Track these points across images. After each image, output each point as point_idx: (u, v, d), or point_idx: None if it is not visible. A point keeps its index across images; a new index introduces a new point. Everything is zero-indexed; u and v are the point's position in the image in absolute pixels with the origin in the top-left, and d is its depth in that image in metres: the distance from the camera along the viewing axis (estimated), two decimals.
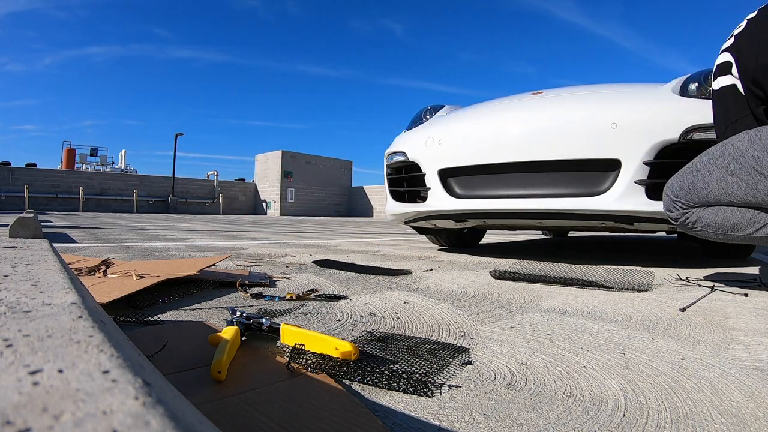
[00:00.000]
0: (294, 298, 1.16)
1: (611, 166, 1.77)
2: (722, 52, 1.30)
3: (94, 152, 29.45)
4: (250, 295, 1.19)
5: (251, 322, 0.77)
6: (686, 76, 1.87)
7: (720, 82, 1.28)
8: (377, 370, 0.64)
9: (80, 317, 0.34)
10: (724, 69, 1.27)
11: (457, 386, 0.61)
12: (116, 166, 29.80)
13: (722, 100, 1.28)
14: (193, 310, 1.02)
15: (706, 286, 1.48)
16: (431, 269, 1.87)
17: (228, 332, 0.68)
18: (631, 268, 2.03)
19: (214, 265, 1.59)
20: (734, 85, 1.24)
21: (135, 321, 0.89)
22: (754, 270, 2.03)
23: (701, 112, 1.67)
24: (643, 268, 2.01)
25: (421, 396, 0.57)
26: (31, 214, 2.36)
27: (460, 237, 3.12)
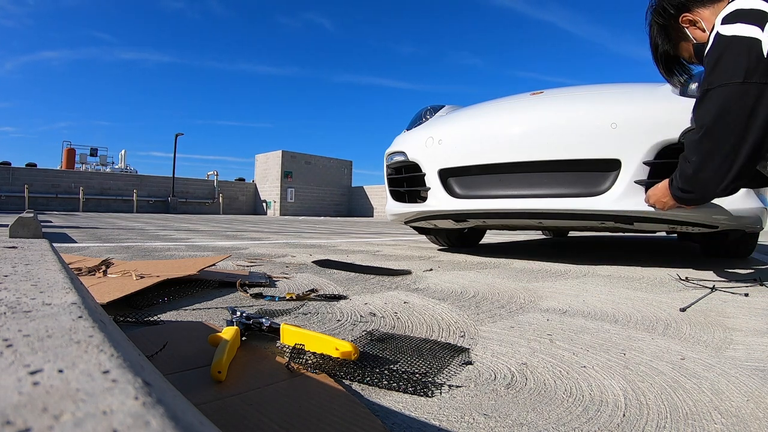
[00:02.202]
0: (294, 298, 1.16)
1: (611, 166, 1.77)
2: None
3: (94, 152, 29.47)
4: (250, 295, 1.19)
5: (251, 322, 0.77)
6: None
7: (739, 30, 1.05)
8: (377, 370, 0.64)
9: (80, 317, 0.34)
10: (755, 18, 1.04)
11: (457, 386, 0.61)
12: (116, 166, 29.82)
13: (736, 49, 1.06)
14: (193, 310, 1.02)
15: (706, 286, 1.48)
16: (431, 269, 1.87)
17: (228, 332, 0.68)
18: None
19: (214, 265, 1.59)
20: (759, 43, 1.02)
21: (135, 321, 0.89)
22: (754, 270, 2.03)
23: None
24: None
25: (421, 396, 0.57)
26: (31, 214, 2.36)
27: (460, 237, 3.12)
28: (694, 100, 1.75)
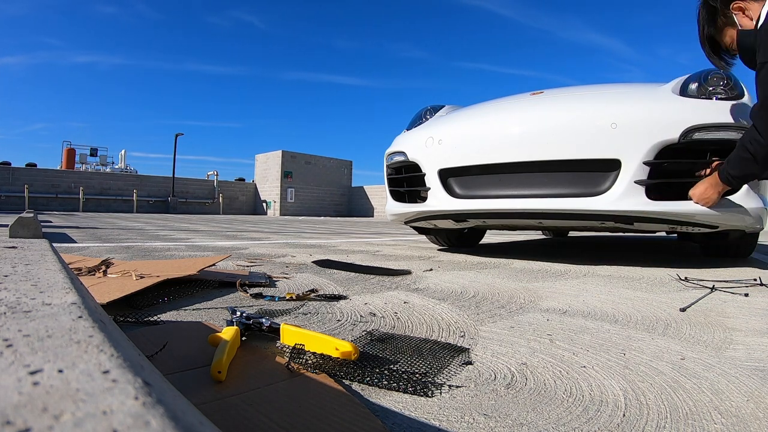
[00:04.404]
0: (294, 298, 1.16)
1: (611, 166, 1.77)
2: None
3: (94, 152, 29.47)
4: (250, 295, 1.19)
5: (251, 322, 0.77)
6: (686, 76, 1.87)
7: None
8: (377, 370, 0.64)
9: (80, 317, 0.34)
10: None
11: (457, 386, 0.61)
12: (116, 166, 29.82)
13: None
14: (193, 310, 1.02)
15: (706, 286, 1.48)
16: (431, 269, 1.87)
17: (228, 332, 0.68)
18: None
19: (214, 265, 1.59)
20: None
21: (135, 321, 0.89)
22: (754, 270, 2.03)
23: (701, 112, 1.67)
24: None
25: (421, 396, 0.57)
26: (31, 214, 2.36)
27: (460, 237, 3.12)
28: (694, 99, 1.76)
